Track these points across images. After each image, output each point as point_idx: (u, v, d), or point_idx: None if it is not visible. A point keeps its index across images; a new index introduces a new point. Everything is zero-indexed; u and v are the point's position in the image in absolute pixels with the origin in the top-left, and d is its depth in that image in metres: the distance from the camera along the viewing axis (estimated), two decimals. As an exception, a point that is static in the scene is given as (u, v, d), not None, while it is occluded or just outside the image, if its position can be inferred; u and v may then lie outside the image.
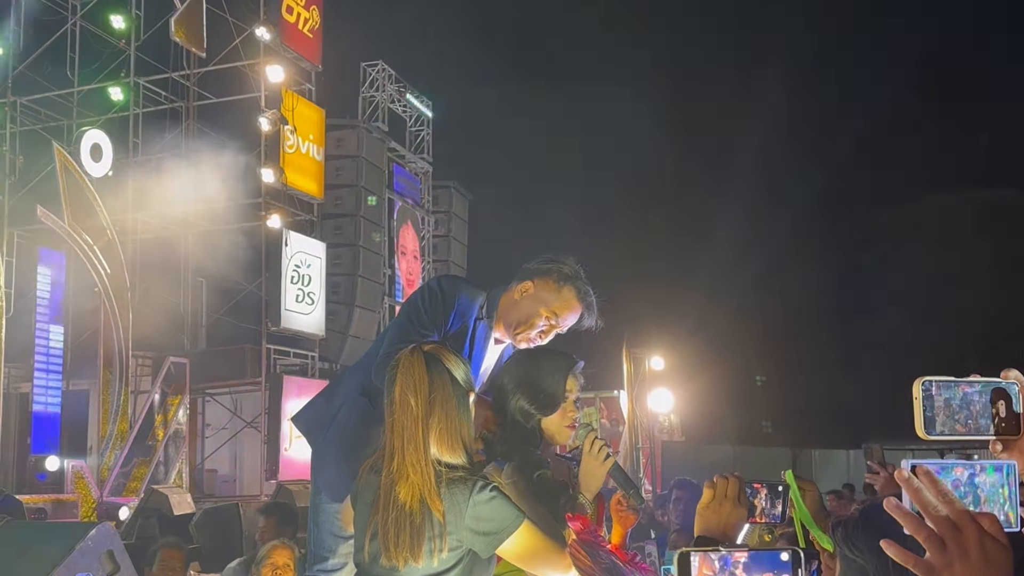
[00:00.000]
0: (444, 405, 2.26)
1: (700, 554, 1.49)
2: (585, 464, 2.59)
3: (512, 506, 2.26)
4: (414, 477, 2.21)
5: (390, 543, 2.20)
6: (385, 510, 2.23)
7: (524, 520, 2.25)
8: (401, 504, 2.21)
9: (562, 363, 2.77)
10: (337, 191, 17.40)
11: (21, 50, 15.50)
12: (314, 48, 16.22)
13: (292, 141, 15.08)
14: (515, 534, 2.23)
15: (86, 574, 2.53)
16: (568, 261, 3.00)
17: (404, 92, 19.97)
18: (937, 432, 1.30)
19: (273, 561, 4.45)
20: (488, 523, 2.22)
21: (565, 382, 2.73)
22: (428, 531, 2.19)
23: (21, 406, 13.87)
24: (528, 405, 2.72)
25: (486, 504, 2.21)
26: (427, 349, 2.33)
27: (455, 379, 2.29)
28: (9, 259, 13.66)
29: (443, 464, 2.24)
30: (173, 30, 14.55)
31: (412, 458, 2.22)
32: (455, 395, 2.28)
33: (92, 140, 13.82)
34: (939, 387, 1.30)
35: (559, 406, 2.72)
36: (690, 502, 6.09)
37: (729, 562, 1.48)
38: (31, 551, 2.59)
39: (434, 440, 2.24)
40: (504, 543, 2.24)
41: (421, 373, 2.26)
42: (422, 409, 2.24)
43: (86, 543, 2.55)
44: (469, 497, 2.21)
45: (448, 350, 2.38)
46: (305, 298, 15.15)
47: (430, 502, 2.19)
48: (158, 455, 13.00)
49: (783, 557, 1.48)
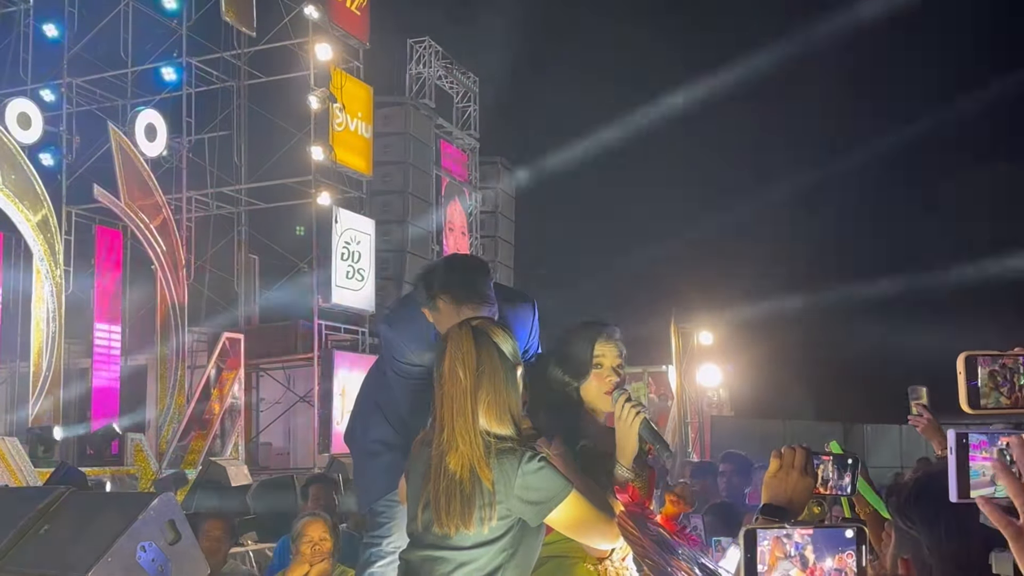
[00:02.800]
0: (492, 378, 2.30)
1: (764, 531, 1.50)
2: (618, 429, 2.63)
3: (560, 476, 2.30)
4: (463, 447, 2.26)
5: (441, 511, 2.25)
6: (436, 480, 2.28)
7: (572, 490, 2.29)
8: (452, 473, 2.26)
9: (590, 330, 2.79)
10: (385, 168, 17.49)
11: (76, 32, 15.76)
12: (362, 25, 16.28)
13: (341, 119, 15.19)
14: (563, 503, 2.27)
15: (148, 543, 2.59)
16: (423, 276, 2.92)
17: (451, 69, 19.96)
18: (981, 407, 1.30)
19: (310, 536, 4.45)
20: (537, 492, 2.26)
21: (592, 347, 2.75)
22: (479, 500, 2.24)
23: (81, 381, 14.24)
24: (562, 374, 2.77)
25: (535, 474, 2.25)
26: (475, 324, 2.38)
27: (503, 353, 2.33)
28: (68, 238, 13.98)
29: (492, 435, 2.28)
30: (223, 10, 14.70)
31: (461, 429, 2.27)
32: (503, 368, 2.32)
33: (146, 120, 14.05)
34: (983, 360, 1.30)
35: (589, 372, 2.74)
36: (735, 475, 6.05)
37: (798, 544, 1.49)
38: (94, 521, 2.67)
39: (483, 412, 2.28)
40: (552, 512, 2.28)
41: (469, 347, 2.31)
42: (470, 381, 2.29)
43: (148, 513, 2.61)
44: (518, 467, 2.25)
45: (496, 325, 2.42)
46: (355, 275, 15.30)
47: (480, 471, 2.24)
48: (215, 428, 13.27)
49: (848, 534, 1.49)
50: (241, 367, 13.85)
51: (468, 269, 2.91)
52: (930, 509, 1.44)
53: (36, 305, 12.84)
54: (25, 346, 13.35)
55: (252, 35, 15.55)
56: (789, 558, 1.48)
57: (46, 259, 12.76)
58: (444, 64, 19.76)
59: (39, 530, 2.69)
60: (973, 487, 1.29)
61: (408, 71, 19.19)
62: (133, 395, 14.08)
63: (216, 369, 13.63)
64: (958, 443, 1.30)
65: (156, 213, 13.28)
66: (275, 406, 15.79)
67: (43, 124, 13.88)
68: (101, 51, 16.01)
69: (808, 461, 1.88)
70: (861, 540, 1.48)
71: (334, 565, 4.53)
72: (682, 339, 13.72)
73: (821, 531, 1.51)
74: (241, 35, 15.75)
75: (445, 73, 19.86)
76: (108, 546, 2.45)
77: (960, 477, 1.29)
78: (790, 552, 1.49)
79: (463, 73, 20.39)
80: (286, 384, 15.77)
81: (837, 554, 1.48)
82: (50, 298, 12.78)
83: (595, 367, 2.75)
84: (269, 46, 16.00)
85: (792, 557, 1.48)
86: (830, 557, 1.48)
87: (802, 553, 1.49)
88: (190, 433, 13.05)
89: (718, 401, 16.03)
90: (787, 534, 1.49)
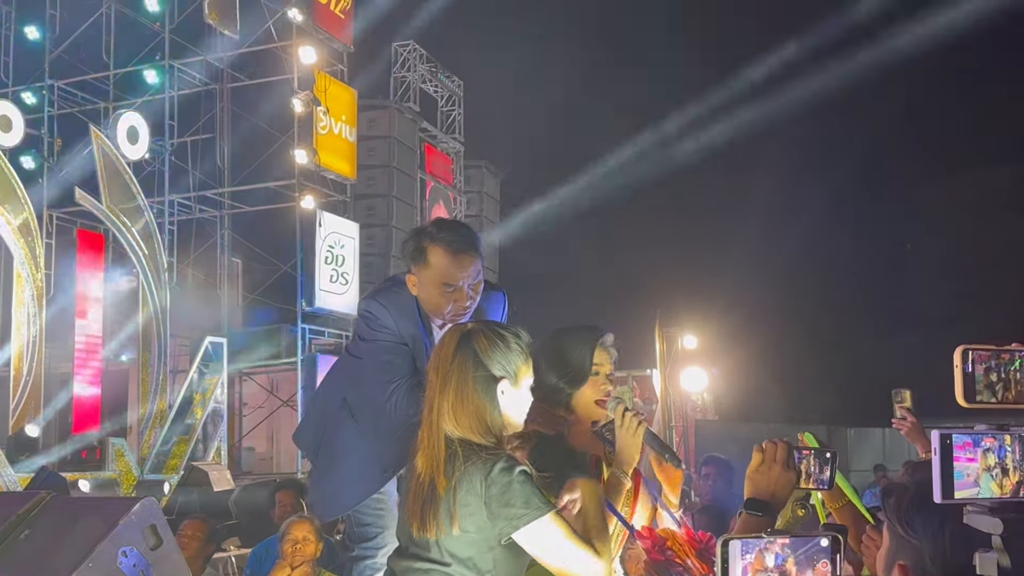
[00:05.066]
0: (460, 384, 2.24)
1: (740, 541, 1.49)
2: (620, 438, 2.57)
3: (536, 494, 2.14)
4: (427, 449, 2.22)
5: (410, 512, 2.22)
6: (408, 479, 2.28)
7: (549, 512, 2.13)
8: (419, 474, 2.22)
9: (588, 335, 2.74)
10: (369, 171, 17.46)
11: (57, 34, 15.66)
12: (346, 29, 16.25)
13: (325, 122, 15.15)
14: (535, 524, 2.12)
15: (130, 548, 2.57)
16: (413, 233, 2.95)
17: (435, 72, 19.96)
18: (977, 400, 1.31)
19: (293, 536, 4.44)
20: (505, 509, 2.12)
21: (592, 354, 2.70)
22: (437, 504, 2.16)
23: (62, 386, 14.12)
24: (557, 380, 2.68)
25: (503, 486, 2.13)
26: (468, 328, 2.34)
27: (481, 362, 2.25)
28: (48, 241, 13.87)
29: (463, 441, 2.20)
30: (207, 12, 14.63)
31: (426, 431, 2.25)
32: (474, 376, 2.24)
33: (128, 123, 13.96)
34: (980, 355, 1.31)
35: (587, 379, 2.69)
36: (718, 478, 6.06)
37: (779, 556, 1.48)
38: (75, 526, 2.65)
39: (448, 415, 2.22)
40: (522, 531, 2.13)
41: (448, 350, 2.28)
42: (439, 383, 2.26)
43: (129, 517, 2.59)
44: (486, 476, 2.14)
45: (488, 335, 2.30)
46: (339, 278, 15.26)
47: (437, 476, 2.17)
48: (197, 433, 13.19)
49: (823, 543, 1.48)
50: (224, 371, 13.78)
51: (459, 224, 2.96)
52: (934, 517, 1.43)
53: (16, 309, 12.74)
54: (5, 350, 13.24)
55: (235, 38, 15.48)
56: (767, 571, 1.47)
57: (27, 263, 12.65)
58: (429, 68, 19.75)
59: (19, 536, 2.66)
60: (957, 488, 1.30)
61: (393, 74, 19.18)
62: (115, 399, 13.98)
63: (199, 373, 13.55)
64: (942, 444, 1.30)
65: (138, 216, 13.20)
66: (258, 410, 15.72)
67: (24, 127, 13.76)
68: (83, 54, 15.92)
69: (790, 455, 1.90)
70: (836, 549, 1.47)
71: (317, 571, 4.49)
72: (666, 343, 13.75)
73: (796, 539, 1.50)
74: (224, 38, 15.68)
75: (430, 76, 19.85)
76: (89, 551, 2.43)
77: (944, 478, 1.30)
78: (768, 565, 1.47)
79: (448, 77, 20.38)
80: (269, 388, 15.71)
81: (814, 565, 1.47)
82: (31, 302, 12.68)
83: (592, 375, 2.70)
84: (252, 49, 15.94)
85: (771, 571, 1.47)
86: (809, 569, 1.47)
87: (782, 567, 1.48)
88: (172, 438, 12.97)
89: (702, 405, 16.08)
90: (765, 545, 1.48)
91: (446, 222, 3.04)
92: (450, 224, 2.98)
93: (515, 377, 2.28)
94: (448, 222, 3.09)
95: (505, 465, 2.14)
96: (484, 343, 2.27)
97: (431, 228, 2.90)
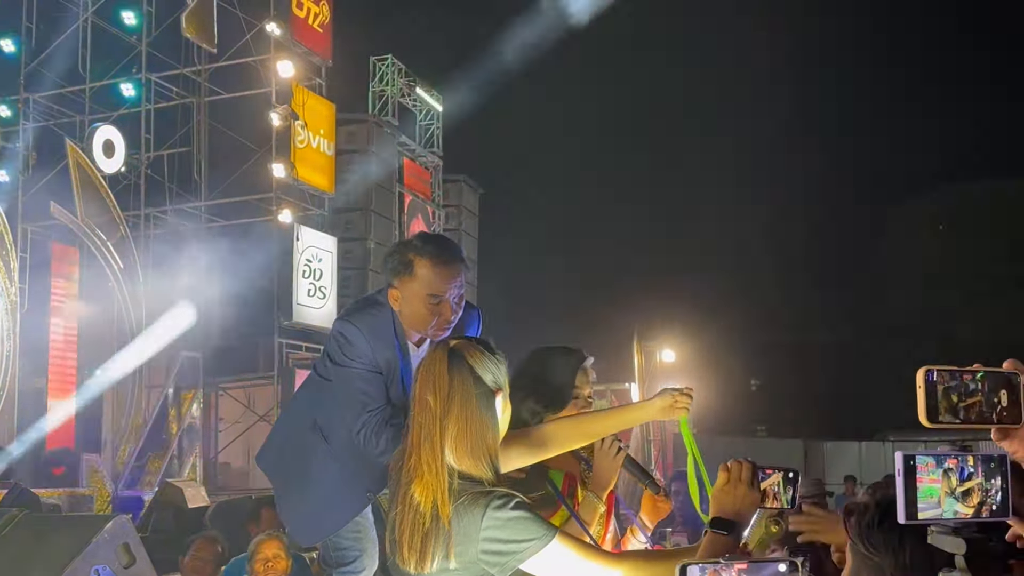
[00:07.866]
0: (464, 405, 2.10)
1: (699, 567, 1.50)
2: (597, 461, 2.56)
3: (539, 524, 2.04)
4: (429, 477, 2.06)
5: (403, 544, 2.07)
6: (401, 509, 2.10)
7: (554, 537, 2.04)
8: (416, 504, 2.06)
9: (571, 359, 2.71)
10: (347, 185, 17.41)
11: (33, 47, 15.57)
12: (324, 43, 16.25)
13: (303, 136, 15.12)
14: (540, 554, 2.03)
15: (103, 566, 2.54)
16: (397, 247, 2.92)
17: (413, 86, 19.98)
18: (939, 421, 1.32)
19: (264, 555, 4.37)
20: (505, 544, 2.02)
21: (574, 378, 2.67)
22: (436, 537, 2.03)
23: (36, 401, 13.97)
24: (535, 403, 2.64)
25: (505, 522, 2.02)
26: (453, 345, 2.20)
27: (479, 378, 2.14)
28: (23, 255, 13.75)
29: (460, 475, 2.08)
30: (184, 26, 14.59)
31: (428, 458, 2.08)
32: (477, 394, 2.12)
33: (104, 136, 13.88)
34: (942, 376, 1.32)
35: (568, 403, 2.65)
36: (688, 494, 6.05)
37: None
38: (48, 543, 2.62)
39: (449, 444, 2.08)
40: (530, 561, 2.04)
41: (442, 370, 2.13)
42: (440, 408, 2.10)
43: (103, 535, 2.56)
44: (484, 512, 2.02)
45: (477, 347, 2.20)
46: (316, 292, 15.21)
47: (441, 507, 2.04)
48: (172, 449, 13.08)
49: (781, 568, 1.48)
50: (200, 386, 13.68)
51: (443, 237, 2.97)
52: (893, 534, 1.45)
53: (-11, 323, 12.61)
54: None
55: (213, 51, 15.44)
56: None
57: (1, 277, 12.54)
58: (407, 82, 19.77)
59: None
60: (921, 510, 1.30)
61: (371, 89, 19.18)
62: (89, 415, 13.83)
63: (174, 388, 13.45)
64: (906, 465, 1.31)
65: (114, 230, 13.11)
66: (234, 425, 15.59)
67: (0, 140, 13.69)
68: (59, 67, 15.81)
69: (754, 475, 1.91)
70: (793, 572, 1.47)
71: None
72: (645, 357, 13.79)
73: (755, 565, 1.49)
74: (202, 51, 15.64)
75: (408, 91, 19.87)
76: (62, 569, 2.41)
77: (908, 499, 1.30)
78: None
79: (426, 91, 20.40)
80: (246, 403, 15.59)
81: None
82: (5, 316, 12.55)
83: (573, 399, 2.67)
84: (230, 63, 15.89)
85: None
86: None
87: None
88: (147, 454, 12.85)
89: (680, 419, 16.10)
90: (722, 570, 1.48)
91: (431, 235, 3.01)
92: (435, 237, 2.95)
93: (505, 389, 2.21)
94: (432, 235, 3.08)
95: (505, 499, 2.05)
96: (477, 356, 2.17)
97: (416, 241, 2.87)
